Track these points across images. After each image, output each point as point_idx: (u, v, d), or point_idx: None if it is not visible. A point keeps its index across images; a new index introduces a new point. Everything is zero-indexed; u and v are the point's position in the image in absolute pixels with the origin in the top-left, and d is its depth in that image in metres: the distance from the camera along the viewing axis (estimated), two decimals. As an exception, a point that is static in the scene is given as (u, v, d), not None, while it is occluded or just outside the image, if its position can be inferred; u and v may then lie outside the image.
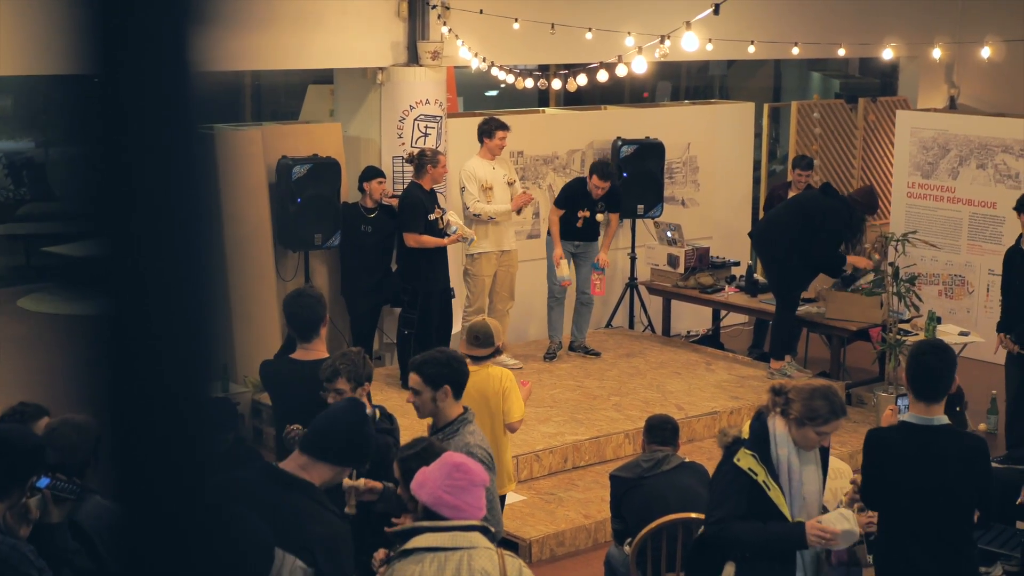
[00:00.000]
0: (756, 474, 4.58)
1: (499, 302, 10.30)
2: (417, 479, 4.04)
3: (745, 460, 4.61)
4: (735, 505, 4.61)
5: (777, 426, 4.64)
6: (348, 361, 5.09)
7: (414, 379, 5.20)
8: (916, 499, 4.73)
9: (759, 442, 4.64)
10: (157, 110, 1.25)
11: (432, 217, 9.68)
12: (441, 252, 9.87)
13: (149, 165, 1.25)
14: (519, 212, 10.25)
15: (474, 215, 10.03)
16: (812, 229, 9.90)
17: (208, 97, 1.26)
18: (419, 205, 9.64)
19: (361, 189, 10.25)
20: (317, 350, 5.71)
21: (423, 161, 9.68)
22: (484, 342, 6.51)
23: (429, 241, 9.68)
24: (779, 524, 4.59)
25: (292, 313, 5.78)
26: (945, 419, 4.81)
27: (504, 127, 10.08)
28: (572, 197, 10.42)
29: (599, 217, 10.47)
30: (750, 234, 10.62)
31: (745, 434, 4.70)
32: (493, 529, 4.16)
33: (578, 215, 10.43)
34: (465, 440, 5.12)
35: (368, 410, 5.11)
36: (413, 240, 9.67)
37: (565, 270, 10.39)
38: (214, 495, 1.34)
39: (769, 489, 4.59)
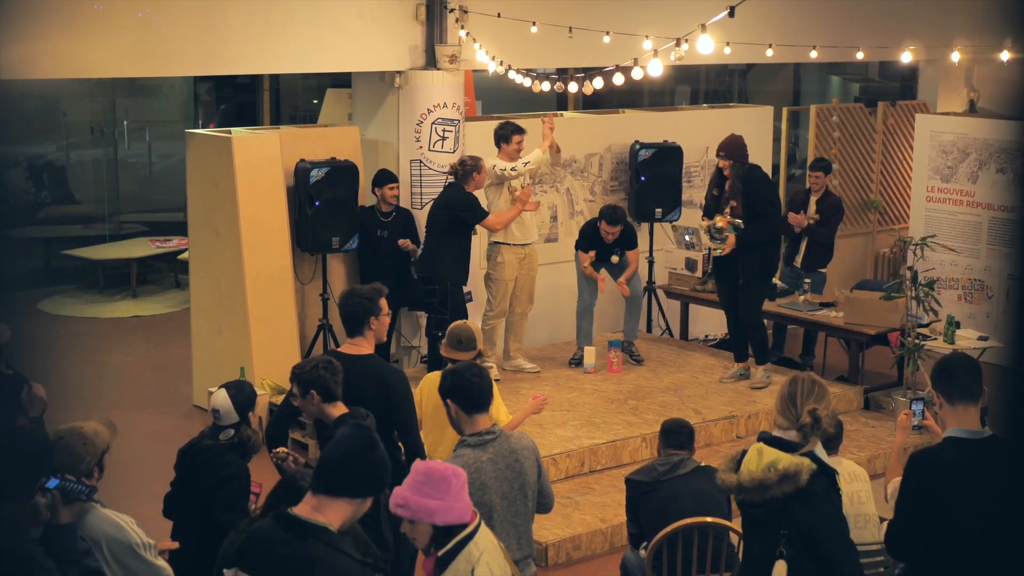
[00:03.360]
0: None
1: (519, 306, 10.30)
2: (425, 507, 4.00)
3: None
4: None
5: (819, 450, 4.55)
6: (299, 368, 5.47)
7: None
8: (972, 519, 4.45)
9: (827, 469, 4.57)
10: None
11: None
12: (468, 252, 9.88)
13: None
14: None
15: (511, 171, 9.95)
16: (750, 211, 9.66)
17: None
18: (473, 197, 9.68)
19: (374, 193, 10.27)
20: (360, 346, 5.97)
21: (467, 169, 9.60)
22: (466, 345, 6.42)
23: (508, 215, 9.83)
24: None
25: (340, 309, 6.10)
26: (988, 430, 4.58)
27: (520, 131, 10.06)
28: (588, 240, 10.42)
29: (614, 259, 10.46)
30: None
31: (803, 469, 4.45)
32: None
33: (611, 259, 10.48)
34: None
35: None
36: (497, 220, 9.77)
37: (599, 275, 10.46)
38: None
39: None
